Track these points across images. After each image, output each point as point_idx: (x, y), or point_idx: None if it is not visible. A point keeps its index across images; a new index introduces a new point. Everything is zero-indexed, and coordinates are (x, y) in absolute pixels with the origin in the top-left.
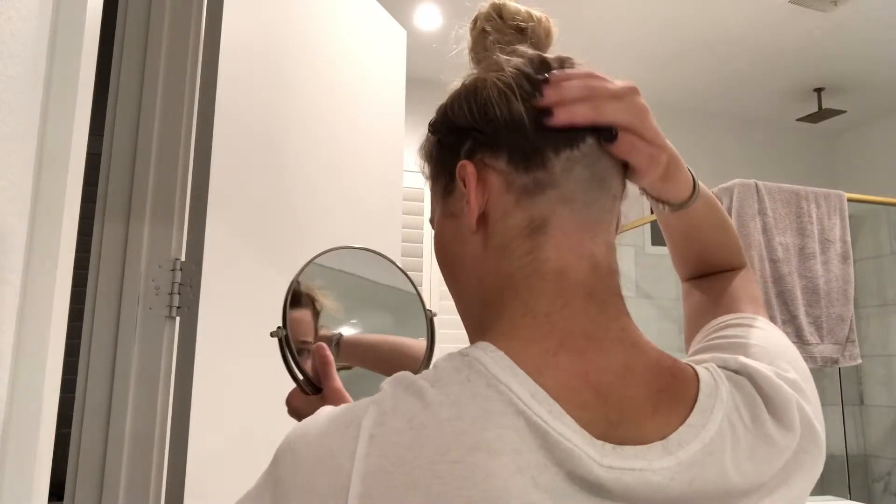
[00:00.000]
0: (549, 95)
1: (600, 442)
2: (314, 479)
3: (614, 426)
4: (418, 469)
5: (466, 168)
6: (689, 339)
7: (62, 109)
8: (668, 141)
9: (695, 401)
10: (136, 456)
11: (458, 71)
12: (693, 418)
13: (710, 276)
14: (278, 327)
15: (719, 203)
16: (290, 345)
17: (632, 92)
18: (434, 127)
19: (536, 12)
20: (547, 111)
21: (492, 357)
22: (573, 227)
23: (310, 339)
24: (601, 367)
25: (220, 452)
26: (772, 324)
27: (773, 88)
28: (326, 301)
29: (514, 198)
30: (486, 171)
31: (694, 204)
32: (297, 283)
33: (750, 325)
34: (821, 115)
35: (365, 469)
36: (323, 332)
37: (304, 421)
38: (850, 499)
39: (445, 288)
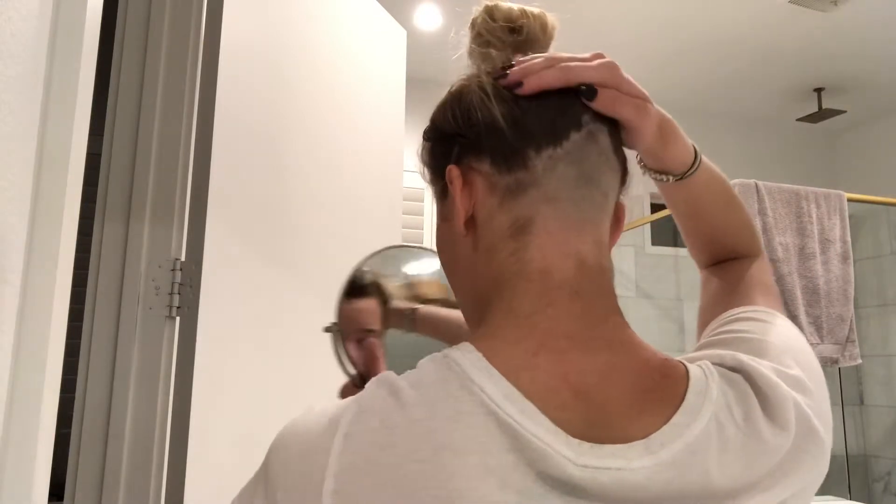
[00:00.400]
0: (515, 71)
1: (576, 441)
2: (300, 475)
3: (596, 427)
4: (389, 468)
5: (452, 172)
6: (700, 330)
7: (62, 109)
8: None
9: (683, 399)
10: (136, 456)
11: (458, 72)
12: (678, 417)
13: (723, 264)
14: (332, 323)
15: (728, 183)
16: (342, 339)
17: (597, 55)
18: (427, 134)
19: (532, 9)
20: (518, 84)
21: (469, 358)
22: (558, 226)
23: (376, 326)
24: (584, 367)
25: (220, 452)
26: (784, 318)
27: (773, 88)
28: (393, 287)
29: (498, 199)
30: (472, 175)
31: (697, 175)
32: (362, 272)
33: (759, 320)
34: (821, 115)
35: (339, 466)
36: (397, 305)
37: (297, 417)
38: (850, 499)
39: None
